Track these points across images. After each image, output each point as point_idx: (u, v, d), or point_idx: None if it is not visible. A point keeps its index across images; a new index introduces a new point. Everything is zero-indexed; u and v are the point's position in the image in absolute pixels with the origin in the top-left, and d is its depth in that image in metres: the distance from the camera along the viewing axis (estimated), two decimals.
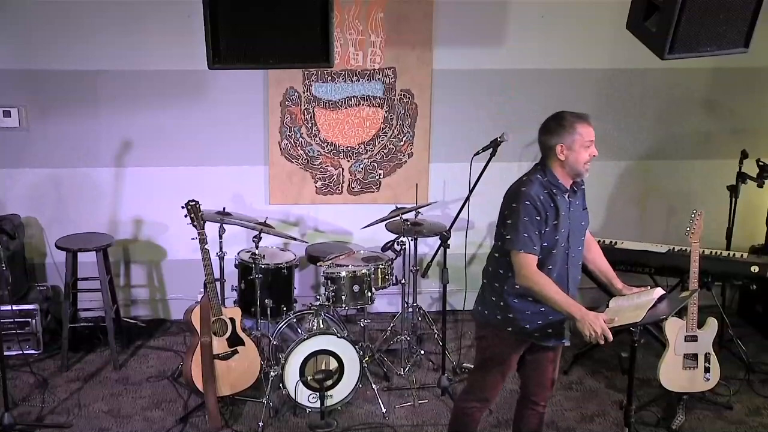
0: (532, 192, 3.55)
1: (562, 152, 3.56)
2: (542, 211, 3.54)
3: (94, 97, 5.61)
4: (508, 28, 5.78)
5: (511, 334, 3.72)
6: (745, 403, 5.04)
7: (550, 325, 3.71)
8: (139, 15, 5.46)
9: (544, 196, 3.57)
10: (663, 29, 3.59)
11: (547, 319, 3.69)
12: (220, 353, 4.73)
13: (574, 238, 3.69)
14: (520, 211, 3.54)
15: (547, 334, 3.73)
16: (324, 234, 6.05)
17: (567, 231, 3.64)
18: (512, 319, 3.69)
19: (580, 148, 3.56)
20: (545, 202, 3.56)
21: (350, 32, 5.69)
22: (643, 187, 6.24)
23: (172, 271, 6.00)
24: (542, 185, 3.59)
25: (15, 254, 5.52)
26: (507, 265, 3.64)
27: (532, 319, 3.69)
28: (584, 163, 3.59)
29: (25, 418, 4.74)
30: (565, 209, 3.62)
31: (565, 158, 3.57)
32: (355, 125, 5.88)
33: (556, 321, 3.69)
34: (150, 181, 5.79)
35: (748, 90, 6.08)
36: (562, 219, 3.59)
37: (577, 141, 3.55)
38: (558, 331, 3.74)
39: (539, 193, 3.56)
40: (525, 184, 3.61)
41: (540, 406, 3.97)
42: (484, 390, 3.93)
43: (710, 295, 5.23)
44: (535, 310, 3.67)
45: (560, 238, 3.61)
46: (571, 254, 3.69)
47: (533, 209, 3.53)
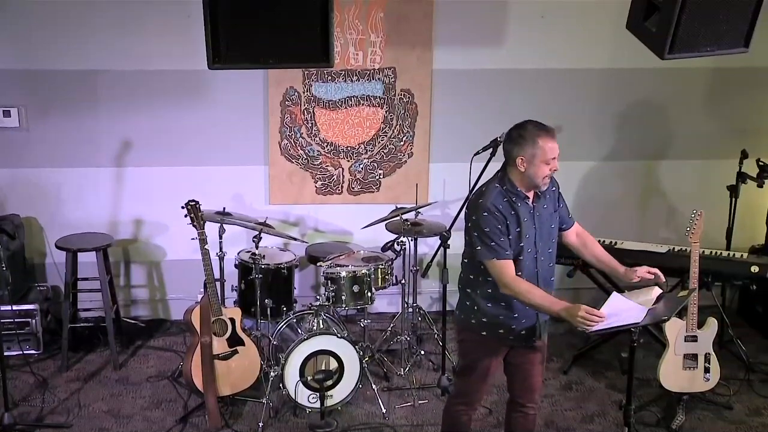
0: (489, 203, 3.57)
1: (522, 164, 3.56)
2: (502, 220, 3.56)
3: (94, 97, 5.61)
4: (508, 28, 5.78)
5: (487, 338, 3.74)
6: (745, 403, 5.04)
7: (523, 328, 3.74)
8: (138, 15, 5.46)
9: (503, 204, 3.58)
10: (663, 29, 3.60)
11: (519, 323, 3.72)
12: (220, 353, 4.73)
13: (542, 241, 3.71)
14: (480, 224, 3.57)
15: (520, 335, 3.75)
16: (324, 234, 6.05)
17: (533, 236, 3.66)
18: (486, 324, 3.72)
19: (540, 163, 3.55)
20: (504, 211, 3.57)
21: (350, 32, 5.69)
22: (643, 187, 6.24)
23: (172, 271, 6.00)
24: (501, 194, 3.60)
25: (15, 254, 5.52)
26: (477, 270, 3.68)
27: (505, 322, 3.71)
28: (543, 177, 3.59)
29: (25, 418, 4.74)
30: (527, 215, 3.63)
31: (524, 170, 3.57)
32: (355, 125, 5.88)
33: (528, 325, 3.73)
34: (150, 181, 5.79)
35: (748, 90, 6.08)
36: (525, 225, 3.62)
37: (537, 155, 3.54)
38: (530, 333, 3.76)
39: (497, 203, 3.57)
40: (482, 195, 3.63)
41: (528, 408, 3.95)
42: (468, 394, 3.95)
43: (710, 295, 5.23)
44: (508, 314, 3.70)
45: (526, 244, 3.63)
46: (539, 257, 3.70)
47: (493, 219, 3.55)
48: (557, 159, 3.60)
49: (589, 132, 6.06)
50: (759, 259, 5.19)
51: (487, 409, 4.89)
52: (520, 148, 3.56)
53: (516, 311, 3.70)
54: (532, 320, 3.74)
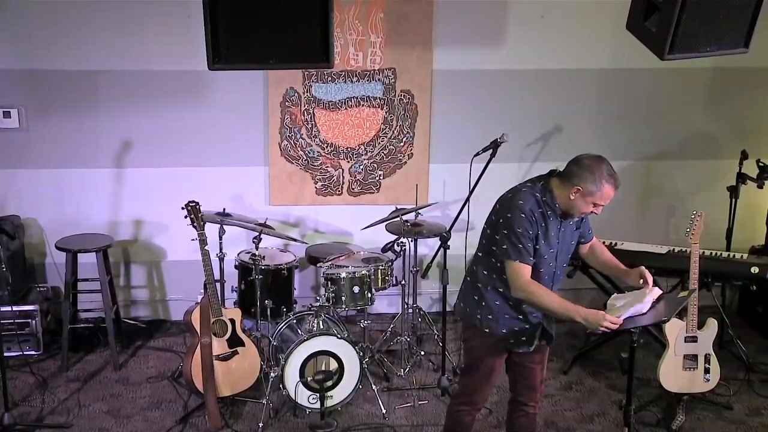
0: (527, 207, 3.56)
1: (575, 193, 3.55)
2: (534, 226, 3.56)
3: (94, 97, 5.61)
4: (508, 28, 5.78)
5: (490, 336, 3.75)
6: (745, 404, 5.04)
7: (524, 332, 3.75)
8: (139, 15, 5.46)
9: (537, 214, 3.58)
10: (663, 29, 3.60)
11: (523, 326, 3.73)
12: (220, 354, 4.73)
13: (562, 257, 3.74)
14: (514, 222, 3.55)
15: (520, 341, 3.76)
16: (324, 235, 6.05)
17: (555, 251, 3.67)
18: (491, 321, 3.73)
19: (590, 201, 3.56)
20: (537, 220, 3.58)
21: (350, 32, 5.69)
22: (643, 187, 6.24)
23: (172, 271, 6.00)
24: (538, 203, 3.59)
25: (15, 255, 5.52)
26: (493, 268, 3.68)
27: (509, 324, 3.72)
28: (581, 212, 3.62)
29: (25, 418, 4.74)
30: (555, 230, 3.64)
31: (572, 199, 3.56)
32: (355, 126, 5.88)
33: (530, 328, 3.74)
34: (150, 182, 5.79)
35: (748, 90, 6.08)
36: (550, 239, 3.63)
37: (594, 195, 3.54)
38: (530, 338, 3.77)
39: (534, 210, 3.57)
40: (521, 196, 3.61)
41: (529, 407, 3.96)
42: (470, 393, 3.95)
43: (710, 295, 5.24)
44: (513, 315, 3.72)
45: (548, 257, 3.64)
46: (557, 272, 3.73)
47: (527, 222, 3.55)
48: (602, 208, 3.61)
49: (589, 132, 6.06)
50: (759, 260, 5.19)
51: (487, 409, 4.89)
52: (583, 180, 3.53)
53: (522, 314, 3.71)
54: (537, 327, 3.76)
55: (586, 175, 3.53)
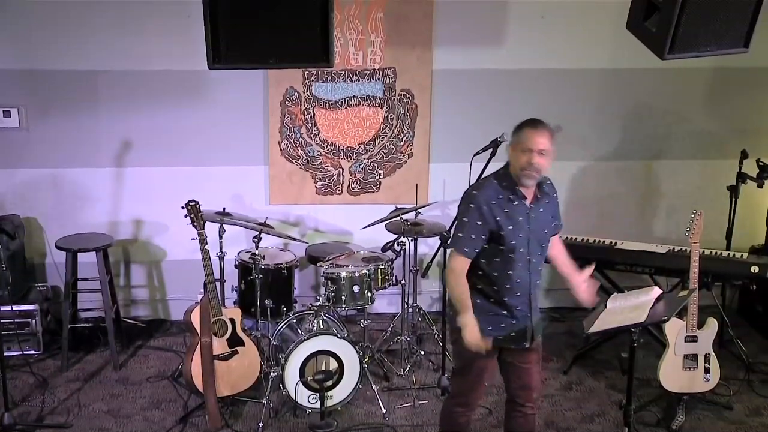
0: (481, 196, 3.62)
1: (510, 152, 3.65)
2: (488, 216, 3.58)
3: (94, 97, 5.61)
4: (508, 28, 5.78)
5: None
6: (745, 403, 5.04)
7: (511, 328, 3.75)
8: (138, 15, 5.46)
9: (497, 201, 3.60)
10: (663, 29, 3.60)
11: (509, 322, 3.73)
12: (220, 353, 4.73)
13: (535, 244, 3.72)
14: (463, 213, 3.65)
15: (509, 336, 3.76)
16: (324, 234, 6.05)
17: (527, 238, 3.67)
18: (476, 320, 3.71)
19: (518, 151, 3.59)
20: (495, 207, 3.60)
21: (350, 32, 5.69)
22: (643, 187, 6.24)
23: (172, 271, 6.00)
24: (496, 189, 3.63)
25: (15, 254, 5.52)
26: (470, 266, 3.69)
27: (494, 321, 3.72)
28: (521, 168, 3.58)
29: (25, 418, 4.74)
30: (523, 215, 3.65)
31: (510, 158, 3.64)
32: (355, 125, 5.88)
33: (517, 324, 3.74)
34: (150, 182, 5.79)
35: (748, 90, 6.08)
36: (518, 224, 3.63)
37: (518, 143, 3.60)
38: (520, 335, 3.76)
39: (491, 198, 3.60)
40: (478, 187, 3.70)
41: (527, 408, 3.93)
42: (463, 394, 3.95)
43: (710, 295, 5.24)
44: (497, 311, 3.72)
45: (518, 243, 3.64)
46: (532, 259, 3.71)
47: (477, 214, 3.59)
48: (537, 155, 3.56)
49: (589, 132, 6.06)
50: (759, 259, 5.19)
51: (487, 409, 4.89)
52: (511, 137, 3.67)
53: (506, 310, 3.71)
54: (524, 322, 3.75)
55: (512, 133, 3.68)
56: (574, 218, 6.04)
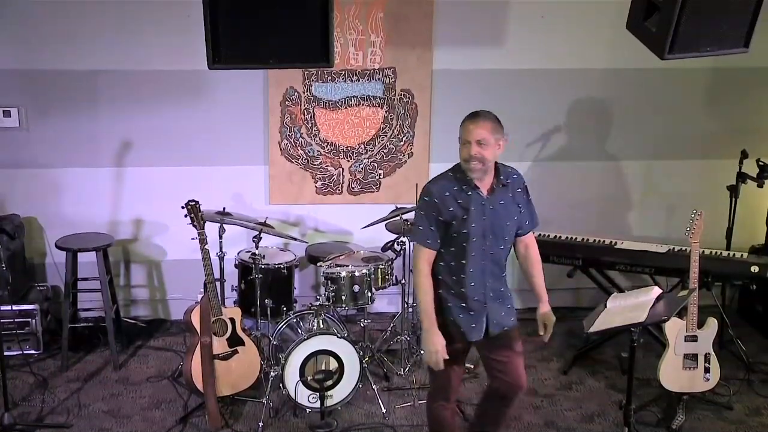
0: (434, 188, 3.73)
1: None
2: (442, 208, 3.68)
3: (94, 97, 5.61)
4: (508, 28, 5.78)
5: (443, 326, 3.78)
6: (745, 403, 5.04)
7: (470, 320, 3.80)
8: (138, 15, 5.46)
9: (450, 192, 3.70)
10: (663, 29, 3.60)
11: (467, 314, 3.79)
12: (220, 353, 4.73)
13: (494, 238, 3.76)
14: (420, 206, 3.78)
15: (470, 328, 3.81)
16: (324, 234, 6.05)
17: (482, 228, 3.71)
18: (437, 309, 3.78)
19: (460, 144, 3.71)
20: (448, 199, 3.69)
21: (350, 32, 5.69)
22: (643, 187, 6.24)
23: (172, 271, 6.00)
24: (450, 182, 3.73)
25: (15, 254, 5.52)
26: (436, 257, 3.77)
27: (454, 312, 3.79)
28: (464, 160, 3.70)
29: (25, 418, 4.74)
30: (477, 206, 3.70)
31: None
32: (355, 125, 5.88)
33: (475, 315, 3.79)
34: (150, 181, 5.79)
35: (748, 90, 6.08)
36: (472, 214, 3.68)
37: (460, 136, 3.72)
38: (480, 326, 3.82)
39: (444, 190, 3.71)
40: (434, 180, 3.82)
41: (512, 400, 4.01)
42: (441, 387, 3.99)
43: (710, 295, 5.23)
44: (456, 303, 3.78)
45: (471, 233, 3.69)
46: (489, 251, 3.75)
47: (430, 205, 3.71)
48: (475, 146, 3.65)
49: (589, 132, 6.06)
50: (759, 259, 5.20)
51: None
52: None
53: (465, 301, 3.76)
54: (481, 313, 3.79)
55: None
56: (574, 218, 6.06)
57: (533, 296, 3.97)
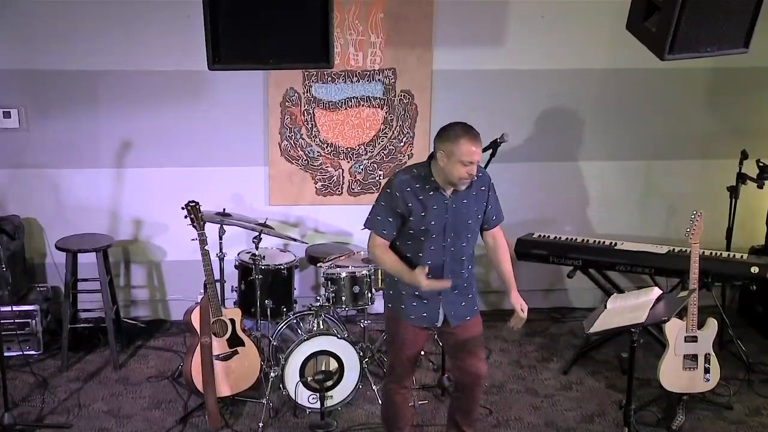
0: (397, 181, 3.82)
1: (442, 159, 3.73)
2: (400, 201, 3.76)
3: (94, 97, 5.61)
4: (508, 28, 5.78)
5: (394, 312, 3.96)
6: (745, 403, 5.04)
7: (423, 309, 3.92)
8: (139, 15, 5.45)
9: (412, 188, 3.78)
10: (663, 29, 3.60)
11: (421, 302, 3.91)
12: (220, 354, 4.73)
13: (455, 233, 3.85)
14: (380, 197, 3.88)
15: (422, 317, 3.94)
16: (324, 235, 6.05)
17: (442, 225, 3.81)
18: (392, 296, 3.98)
19: (456, 163, 3.70)
20: (409, 194, 3.77)
21: (350, 33, 5.69)
22: (643, 187, 6.24)
23: (172, 271, 6.00)
24: (414, 178, 3.80)
25: (15, 254, 5.52)
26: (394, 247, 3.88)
27: (407, 301, 3.92)
28: (459, 177, 3.73)
29: (25, 418, 4.74)
30: (438, 204, 3.79)
31: (443, 165, 3.73)
32: (355, 126, 5.88)
33: (429, 304, 3.91)
34: (150, 182, 5.79)
35: (748, 90, 6.08)
36: (432, 212, 3.78)
37: (455, 154, 3.69)
38: (432, 314, 3.94)
39: (407, 184, 3.79)
40: (398, 173, 3.90)
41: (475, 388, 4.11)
42: (393, 369, 4.13)
43: (710, 295, 5.23)
44: (410, 291, 3.89)
45: (430, 230, 3.79)
46: (449, 248, 3.85)
47: (390, 197, 3.80)
48: (474, 165, 3.72)
49: (589, 132, 6.06)
50: (759, 260, 5.20)
51: (487, 409, 4.90)
52: (442, 143, 3.74)
53: (418, 290, 3.85)
54: (435, 304, 3.91)
55: (443, 139, 3.74)
56: (574, 218, 6.06)
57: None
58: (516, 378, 5.37)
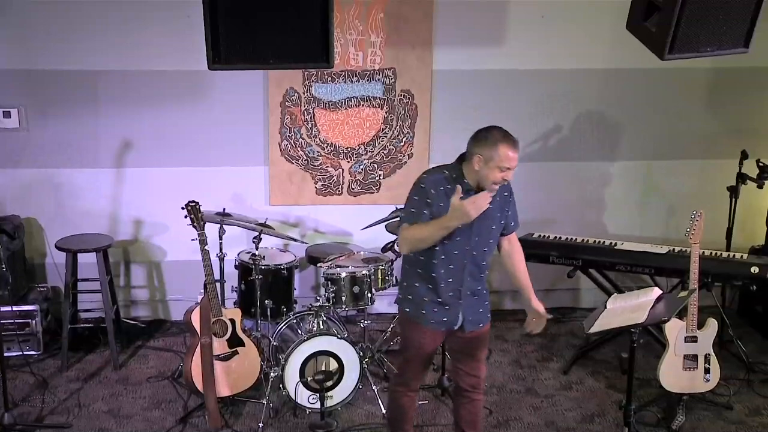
0: (431, 179, 3.75)
1: (478, 162, 3.68)
2: (433, 198, 3.70)
3: (94, 97, 5.61)
4: (508, 28, 5.78)
5: (412, 316, 3.89)
6: (745, 403, 5.04)
7: (446, 315, 3.87)
8: (139, 15, 5.45)
9: (444, 188, 3.72)
10: (663, 29, 3.60)
11: (443, 308, 3.86)
12: (220, 354, 4.73)
13: (479, 238, 3.82)
14: (412, 191, 3.77)
15: (442, 321, 3.88)
16: (324, 235, 6.05)
17: (468, 229, 3.75)
18: (410, 302, 3.90)
19: (494, 167, 3.66)
20: (440, 194, 3.71)
21: (350, 32, 5.69)
22: (643, 187, 6.24)
23: (172, 271, 6.00)
24: (445, 179, 3.75)
25: (15, 254, 5.52)
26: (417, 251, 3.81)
27: (428, 307, 3.86)
28: (492, 182, 3.69)
29: (25, 418, 4.74)
30: None
31: (478, 169, 3.68)
32: (355, 126, 5.88)
33: (449, 310, 3.86)
34: (150, 182, 5.79)
35: (748, 90, 6.08)
36: None
37: (494, 159, 3.65)
38: (452, 319, 3.89)
39: (440, 184, 3.73)
40: (429, 171, 3.84)
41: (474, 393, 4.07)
42: (404, 374, 4.08)
43: (710, 295, 5.23)
44: (432, 298, 3.84)
45: (455, 233, 3.73)
46: (472, 251, 3.81)
47: (423, 192, 3.71)
48: (512, 170, 3.69)
49: (589, 132, 6.06)
50: (759, 260, 5.19)
51: (487, 409, 4.89)
52: (480, 147, 3.69)
53: (440, 296, 3.83)
54: (455, 308, 3.86)
55: (481, 143, 3.68)
56: (574, 218, 6.06)
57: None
58: (516, 378, 5.37)
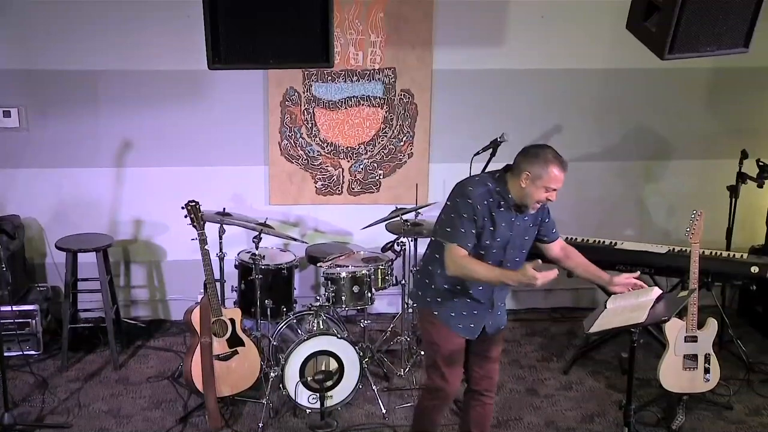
0: (476, 194, 3.66)
1: (526, 180, 3.64)
2: (479, 215, 3.64)
3: (94, 97, 5.61)
4: (508, 28, 5.78)
5: (440, 320, 3.83)
6: (745, 403, 5.04)
7: (471, 318, 3.84)
8: (139, 15, 5.45)
9: (488, 202, 3.67)
10: (663, 29, 3.60)
11: (471, 311, 3.83)
12: (220, 354, 4.73)
13: (514, 250, 3.79)
14: (459, 207, 3.66)
15: (468, 327, 3.86)
16: (324, 234, 6.05)
17: (505, 242, 3.74)
18: (439, 304, 3.83)
19: (540, 187, 3.64)
20: (484, 208, 3.66)
21: (350, 32, 5.69)
22: (643, 187, 6.24)
23: (172, 271, 6.00)
24: (489, 193, 3.68)
25: (15, 254, 5.52)
26: (442, 250, 3.74)
27: (457, 308, 3.82)
28: (536, 200, 3.67)
29: (25, 418, 4.74)
30: (506, 221, 3.71)
31: (524, 186, 3.65)
32: (355, 125, 5.88)
33: (478, 314, 3.84)
34: (150, 182, 5.79)
35: (748, 90, 6.08)
36: (499, 230, 3.70)
37: (543, 179, 3.63)
38: (477, 326, 3.87)
39: (485, 198, 3.66)
40: (473, 184, 3.72)
41: (486, 396, 4.07)
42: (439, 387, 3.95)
43: (710, 295, 5.23)
44: (461, 299, 3.81)
45: (493, 245, 3.71)
46: (506, 264, 3.77)
47: (471, 208, 3.63)
48: (556, 192, 3.69)
49: (589, 132, 6.06)
50: (759, 260, 5.19)
51: None
52: (530, 164, 3.64)
53: (470, 298, 3.80)
54: (483, 317, 3.85)
55: (532, 160, 3.64)
56: (574, 218, 6.05)
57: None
58: (516, 378, 5.37)
